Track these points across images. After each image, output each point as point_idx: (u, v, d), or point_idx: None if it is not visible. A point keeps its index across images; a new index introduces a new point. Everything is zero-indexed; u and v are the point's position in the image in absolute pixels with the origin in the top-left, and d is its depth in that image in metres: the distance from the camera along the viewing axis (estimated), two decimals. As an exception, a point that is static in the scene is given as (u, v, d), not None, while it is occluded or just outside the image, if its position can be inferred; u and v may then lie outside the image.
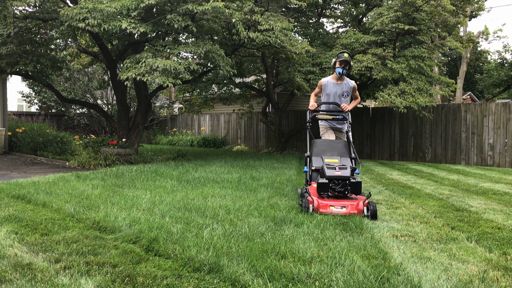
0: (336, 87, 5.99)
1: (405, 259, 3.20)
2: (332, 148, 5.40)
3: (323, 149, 5.39)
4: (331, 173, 4.65)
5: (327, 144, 5.49)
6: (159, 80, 8.27)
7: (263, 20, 9.69)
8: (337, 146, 5.42)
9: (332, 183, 4.69)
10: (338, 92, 6.00)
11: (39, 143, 12.00)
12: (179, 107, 23.17)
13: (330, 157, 5.19)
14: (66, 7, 8.64)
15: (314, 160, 5.25)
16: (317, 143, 5.50)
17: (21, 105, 29.39)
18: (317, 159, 5.25)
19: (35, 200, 5.09)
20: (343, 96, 6.03)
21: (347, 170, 4.70)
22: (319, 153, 5.34)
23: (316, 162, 5.21)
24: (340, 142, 5.57)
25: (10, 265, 2.92)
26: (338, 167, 4.71)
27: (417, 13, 11.06)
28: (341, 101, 6.04)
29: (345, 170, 4.68)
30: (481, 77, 27.81)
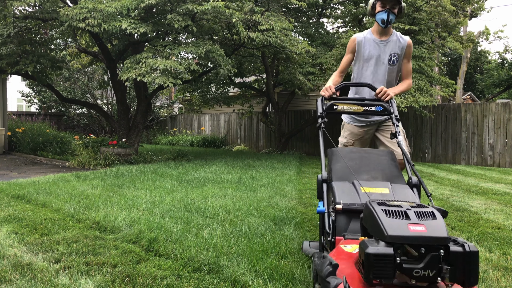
0: (378, 47, 3.50)
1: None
2: (371, 163, 2.78)
3: (354, 165, 2.75)
4: (402, 229, 1.75)
5: (360, 157, 2.87)
6: (159, 80, 8.27)
7: (263, 20, 9.69)
8: (378, 161, 2.83)
9: (403, 255, 1.77)
10: (383, 56, 3.50)
11: (39, 143, 12.00)
12: (179, 107, 23.17)
13: (372, 182, 2.57)
14: (66, 7, 8.64)
15: (339, 190, 2.51)
16: (341, 155, 2.92)
17: (21, 105, 29.37)
18: (344, 187, 2.55)
19: (35, 200, 5.09)
20: (390, 63, 3.51)
21: (437, 220, 1.83)
22: (347, 174, 2.67)
23: (345, 194, 2.47)
24: (381, 153, 2.96)
25: (10, 265, 2.91)
26: (415, 212, 1.87)
27: (417, 13, 11.06)
28: (385, 74, 3.51)
29: (432, 220, 1.83)
30: (481, 77, 27.81)
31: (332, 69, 11.62)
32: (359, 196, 2.39)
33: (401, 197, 2.35)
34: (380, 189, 2.44)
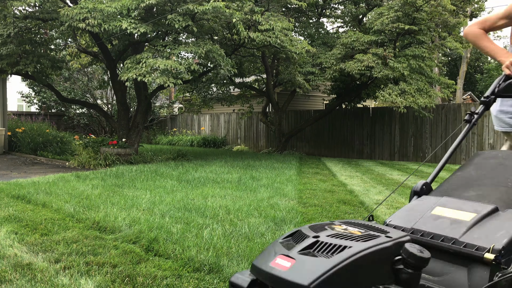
0: None
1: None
2: (499, 176, 1.86)
3: (475, 176, 1.91)
4: (265, 260, 1.26)
5: (496, 165, 1.95)
6: (159, 80, 8.27)
7: (263, 20, 9.69)
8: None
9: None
10: None
11: (39, 143, 12.00)
12: (179, 107, 23.17)
13: (467, 202, 1.69)
14: (66, 7, 8.64)
15: (407, 207, 1.80)
16: (477, 160, 2.03)
17: (21, 105, 29.36)
18: (418, 204, 1.79)
19: (35, 200, 5.09)
20: None
21: (327, 260, 1.15)
22: (452, 187, 1.92)
23: (405, 213, 1.74)
24: None
25: (10, 265, 2.91)
26: (315, 242, 1.24)
27: (417, 13, 11.06)
28: None
29: (321, 258, 1.17)
30: (481, 77, 27.81)
31: (332, 68, 11.63)
32: (420, 218, 1.65)
33: (465, 229, 1.49)
34: (463, 213, 1.59)
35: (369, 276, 1.17)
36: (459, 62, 26.71)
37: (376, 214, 4.85)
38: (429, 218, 1.64)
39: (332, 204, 5.35)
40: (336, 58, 11.79)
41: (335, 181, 7.65)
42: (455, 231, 1.46)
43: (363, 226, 1.38)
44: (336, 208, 5.08)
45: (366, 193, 6.36)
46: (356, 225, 1.40)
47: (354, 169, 9.98)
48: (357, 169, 10.00)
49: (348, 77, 12.39)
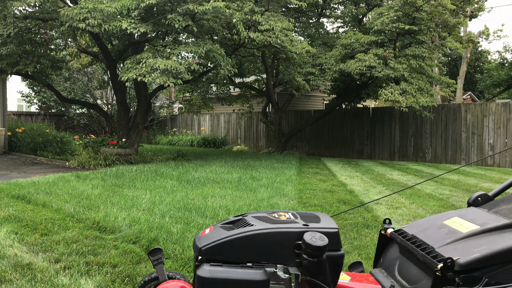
0: None
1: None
2: None
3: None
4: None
5: None
6: (159, 80, 8.27)
7: (263, 20, 9.69)
8: None
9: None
10: None
11: (39, 143, 12.00)
12: (179, 107, 23.16)
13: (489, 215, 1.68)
14: (66, 7, 8.64)
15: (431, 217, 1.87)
16: None
17: (21, 105, 29.35)
18: (442, 216, 1.82)
19: (35, 200, 5.09)
20: None
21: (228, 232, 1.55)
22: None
23: (423, 222, 1.84)
24: None
25: (10, 265, 2.91)
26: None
27: (417, 13, 11.05)
28: None
29: (228, 230, 1.58)
30: (481, 77, 27.80)
31: (332, 69, 11.63)
32: (430, 226, 1.67)
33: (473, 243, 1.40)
34: (469, 224, 1.54)
35: (266, 252, 1.34)
36: (459, 62, 26.71)
37: (376, 214, 4.85)
38: (436, 226, 1.63)
39: (332, 204, 5.35)
40: (336, 59, 11.78)
41: (335, 181, 7.65)
42: (441, 240, 1.44)
43: (301, 215, 1.52)
44: (336, 208, 5.08)
45: (366, 193, 6.36)
46: (296, 214, 1.53)
47: (354, 169, 9.98)
48: (357, 169, 10.00)
49: (348, 77, 12.39)
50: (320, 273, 1.33)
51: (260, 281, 1.28)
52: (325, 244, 1.30)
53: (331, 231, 1.38)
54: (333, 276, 1.36)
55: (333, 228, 1.39)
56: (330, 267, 1.35)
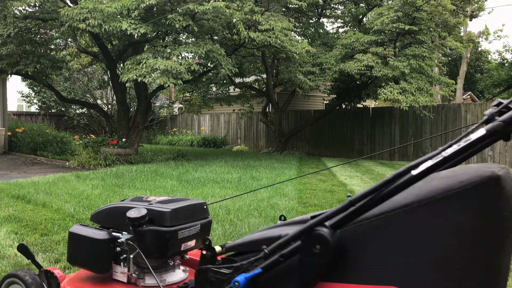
0: None
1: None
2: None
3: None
4: None
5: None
6: (160, 80, 8.27)
7: (263, 20, 9.69)
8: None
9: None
10: None
11: (39, 143, 11.99)
12: (179, 107, 23.16)
13: None
14: (66, 7, 8.64)
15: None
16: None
17: (21, 105, 29.35)
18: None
19: (35, 200, 5.09)
20: None
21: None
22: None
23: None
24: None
25: (10, 265, 2.91)
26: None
27: (417, 13, 11.05)
28: None
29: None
30: (481, 77, 27.80)
31: (332, 69, 11.63)
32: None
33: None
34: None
35: (117, 221, 1.73)
36: (459, 62, 26.70)
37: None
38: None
39: (332, 204, 5.35)
40: (336, 58, 11.78)
41: (335, 181, 7.65)
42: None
43: (169, 198, 1.85)
44: (336, 208, 5.08)
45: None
46: (166, 197, 1.88)
47: (354, 169, 9.98)
48: (357, 169, 10.00)
49: (348, 77, 12.39)
50: (140, 241, 1.63)
51: (99, 239, 1.69)
52: (136, 217, 1.58)
53: (162, 210, 1.65)
54: (156, 246, 1.64)
55: (165, 209, 1.65)
56: (154, 238, 1.62)
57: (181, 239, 1.68)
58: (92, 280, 1.77)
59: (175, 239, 1.65)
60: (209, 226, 1.84)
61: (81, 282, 1.78)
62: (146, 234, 1.63)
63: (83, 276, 1.81)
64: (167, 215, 1.64)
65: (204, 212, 1.82)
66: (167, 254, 1.69)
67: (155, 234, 1.63)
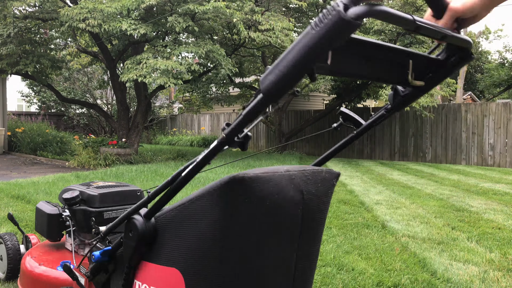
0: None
1: (404, 259, 3.19)
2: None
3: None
4: None
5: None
6: (160, 81, 8.27)
7: (264, 20, 9.69)
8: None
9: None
10: None
11: (39, 143, 11.99)
12: (179, 107, 23.16)
13: None
14: (66, 7, 8.64)
15: None
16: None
17: (21, 105, 29.34)
18: None
19: (35, 200, 5.08)
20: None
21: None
22: None
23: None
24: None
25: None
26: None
27: (417, 13, 11.05)
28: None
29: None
30: (481, 77, 27.80)
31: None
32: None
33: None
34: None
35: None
36: (459, 62, 26.64)
37: (376, 214, 4.85)
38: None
39: (332, 204, 5.35)
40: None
41: (335, 181, 7.63)
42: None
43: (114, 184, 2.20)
44: (336, 208, 5.08)
45: (366, 193, 6.35)
46: (110, 183, 2.22)
47: (354, 169, 9.98)
48: (357, 169, 9.99)
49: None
50: (74, 218, 2.05)
51: (50, 214, 2.20)
52: (68, 197, 2.00)
53: (92, 194, 2.00)
54: (85, 223, 1.98)
55: (94, 193, 1.99)
56: (83, 217, 1.98)
57: (107, 219, 1.99)
58: (51, 247, 2.27)
59: (101, 218, 1.96)
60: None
61: (43, 247, 2.28)
62: (77, 213, 2.01)
63: (47, 243, 2.32)
64: (96, 198, 1.97)
65: (136, 198, 2.09)
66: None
67: (84, 213, 1.98)
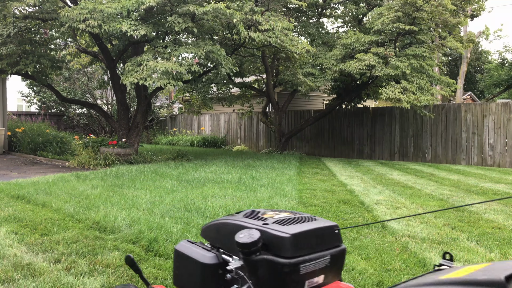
0: None
1: (404, 259, 3.19)
2: None
3: None
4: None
5: None
6: (160, 83, 8.28)
7: (264, 20, 9.68)
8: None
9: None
10: None
11: (39, 143, 11.99)
12: (179, 107, 23.16)
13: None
14: (66, 8, 8.63)
15: None
16: None
17: (21, 105, 29.32)
18: None
19: (35, 200, 5.09)
20: None
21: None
22: None
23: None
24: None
25: (10, 265, 2.91)
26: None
27: (417, 13, 11.05)
28: None
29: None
30: (481, 77, 27.80)
31: (332, 69, 11.63)
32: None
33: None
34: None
35: (226, 242, 1.42)
36: (459, 62, 26.70)
37: (376, 214, 4.85)
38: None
39: (332, 204, 5.35)
40: (336, 58, 11.78)
41: (335, 181, 7.65)
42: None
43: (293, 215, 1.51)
44: (336, 208, 5.08)
45: (366, 193, 6.35)
46: (291, 213, 1.53)
47: (354, 169, 9.98)
48: (357, 169, 9.99)
49: (348, 77, 12.38)
50: (251, 272, 1.28)
51: (205, 263, 1.37)
52: (246, 242, 1.24)
53: (280, 235, 1.28)
54: (272, 282, 1.28)
55: (284, 234, 1.28)
56: (269, 272, 1.27)
57: (304, 274, 1.31)
58: None
59: (296, 274, 1.29)
60: (343, 257, 1.42)
61: None
62: (259, 265, 1.29)
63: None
64: (286, 242, 1.28)
65: (335, 238, 1.43)
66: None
67: (271, 266, 1.28)
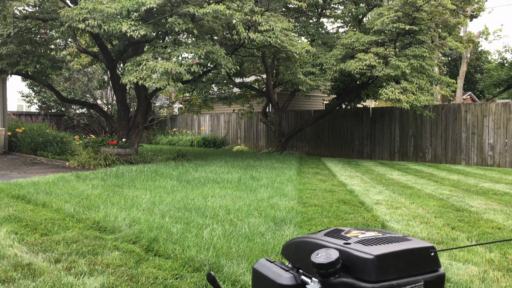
0: None
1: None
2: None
3: None
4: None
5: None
6: (159, 84, 8.28)
7: (263, 20, 9.68)
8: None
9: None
10: None
11: (39, 143, 11.99)
12: (179, 107, 23.17)
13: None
14: (66, 8, 8.64)
15: None
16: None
17: (21, 105, 29.33)
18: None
19: (35, 200, 5.09)
20: None
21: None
22: None
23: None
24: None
25: (10, 265, 2.91)
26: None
27: (417, 13, 11.05)
28: None
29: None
30: (481, 77, 27.80)
31: (332, 69, 11.64)
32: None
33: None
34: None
35: (305, 262, 1.33)
36: (459, 62, 26.70)
37: (376, 214, 4.85)
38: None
39: (332, 204, 5.35)
40: (336, 58, 11.78)
41: (335, 181, 7.65)
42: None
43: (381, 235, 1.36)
44: (336, 208, 5.08)
45: (366, 193, 6.36)
46: (379, 232, 1.39)
47: (354, 169, 9.98)
48: (357, 169, 10.00)
49: (348, 77, 12.39)
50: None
51: (282, 284, 1.26)
52: (322, 263, 1.14)
53: (363, 256, 1.14)
54: None
55: (367, 255, 1.14)
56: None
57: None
58: None
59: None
60: (440, 284, 1.25)
61: None
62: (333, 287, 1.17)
63: None
64: (369, 264, 1.14)
65: (431, 262, 1.24)
66: None
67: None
